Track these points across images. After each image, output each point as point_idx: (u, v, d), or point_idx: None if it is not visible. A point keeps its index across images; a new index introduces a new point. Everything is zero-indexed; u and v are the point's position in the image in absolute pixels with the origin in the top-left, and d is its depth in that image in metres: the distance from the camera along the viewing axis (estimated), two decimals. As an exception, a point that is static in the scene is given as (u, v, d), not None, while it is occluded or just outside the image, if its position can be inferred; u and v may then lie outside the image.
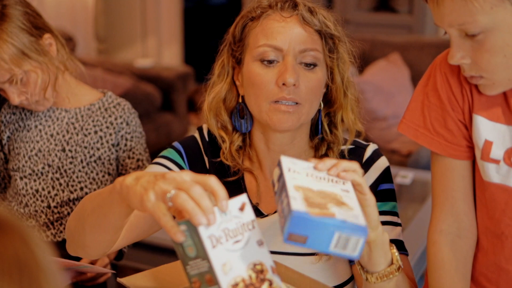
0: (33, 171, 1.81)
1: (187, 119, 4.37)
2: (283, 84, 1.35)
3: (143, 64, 5.08)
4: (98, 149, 1.82)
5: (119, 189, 1.08)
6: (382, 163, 1.46)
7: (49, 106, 1.78)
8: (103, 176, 1.84)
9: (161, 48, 6.02)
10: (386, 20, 5.42)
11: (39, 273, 0.55)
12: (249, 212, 1.05)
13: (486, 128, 1.26)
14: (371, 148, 1.48)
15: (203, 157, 1.50)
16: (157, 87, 4.78)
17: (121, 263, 2.80)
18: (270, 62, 1.37)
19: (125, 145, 1.85)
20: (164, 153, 1.50)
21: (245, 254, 1.03)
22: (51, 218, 1.82)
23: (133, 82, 4.66)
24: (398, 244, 1.39)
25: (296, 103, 1.37)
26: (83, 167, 1.81)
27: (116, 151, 1.85)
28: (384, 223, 1.40)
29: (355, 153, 1.47)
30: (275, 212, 1.45)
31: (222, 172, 1.48)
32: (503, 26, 1.13)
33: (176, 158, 1.48)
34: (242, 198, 1.05)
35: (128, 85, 4.57)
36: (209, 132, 1.52)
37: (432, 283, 1.35)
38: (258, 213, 1.46)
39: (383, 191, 1.44)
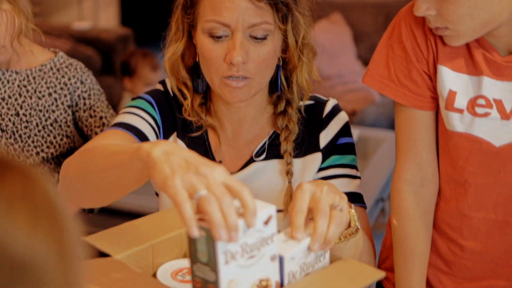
0: None
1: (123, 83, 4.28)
2: (231, 63, 1.32)
3: (81, 26, 4.97)
4: (53, 111, 1.77)
5: (145, 159, 1.02)
6: (341, 117, 1.47)
7: (6, 59, 1.71)
8: (61, 139, 1.78)
9: (97, 10, 5.89)
10: (326, -20, 5.43)
11: (51, 208, 0.52)
12: (272, 226, 0.99)
13: (450, 79, 1.28)
14: (331, 103, 1.49)
15: (172, 108, 1.48)
16: (96, 50, 4.69)
17: (89, 230, 2.75)
18: (219, 37, 1.34)
19: (84, 104, 1.79)
20: (134, 103, 1.46)
21: (255, 270, 0.98)
22: None
23: (71, 45, 4.56)
24: (356, 197, 1.41)
25: (247, 78, 1.35)
26: (39, 131, 1.76)
27: (75, 111, 1.79)
28: (342, 176, 1.42)
29: (315, 109, 1.48)
30: (239, 170, 1.45)
31: (186, 127, 1.47)
32: None
33: (148, 108, 1.45)
34: (270, 210, 0.98)
35: (66, 48, 4.46)
36: (172, 87, 1.49)
37: (396, 231, 1.38)
38: None
39: (342, 145, 1.45)
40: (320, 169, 1.45)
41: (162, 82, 1.51)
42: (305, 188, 1.08)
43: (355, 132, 3.32)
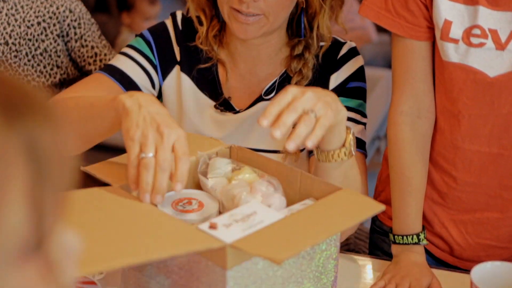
0: None
1: (120, 19, 4.21)
2: None
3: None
4: (43, 40, 1.76)
5: (120, 108, 1.10)
6: (356, 61, 1.45)
7: None
8: (52, 69, 1.78)
9: None
10: None
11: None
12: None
13: (445, 8, 1.28)
14: (348, 45, 1.46)
15: (172, 47, 1.47)
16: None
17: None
18: None
19: (75, 34, 1.78)
20: (132, 42, 1.47)
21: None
22: None
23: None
24: (357, 142, 1.38)
25: (257, 14, 1.32)
26: (29, 61, 1.75)
27: (67, 42, 1.78)
28: (347, 119, 1.40)
29: (331, 51, 1.45)
30: (247, 108, 1.45)
31: (195, 58, 1.46)
32: None
33: (145, 49, 1.45)
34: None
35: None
36: (183, 19, 1.48)
37: (393, 162, 1.39)
38: (230, 108, 1.45)
39: (352, 88, 1.44)
40: None
41: (173, 14, 1.49)
42: (289, 89, 1.10)
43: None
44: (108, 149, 2.66)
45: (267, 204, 1.11)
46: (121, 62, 1.43)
